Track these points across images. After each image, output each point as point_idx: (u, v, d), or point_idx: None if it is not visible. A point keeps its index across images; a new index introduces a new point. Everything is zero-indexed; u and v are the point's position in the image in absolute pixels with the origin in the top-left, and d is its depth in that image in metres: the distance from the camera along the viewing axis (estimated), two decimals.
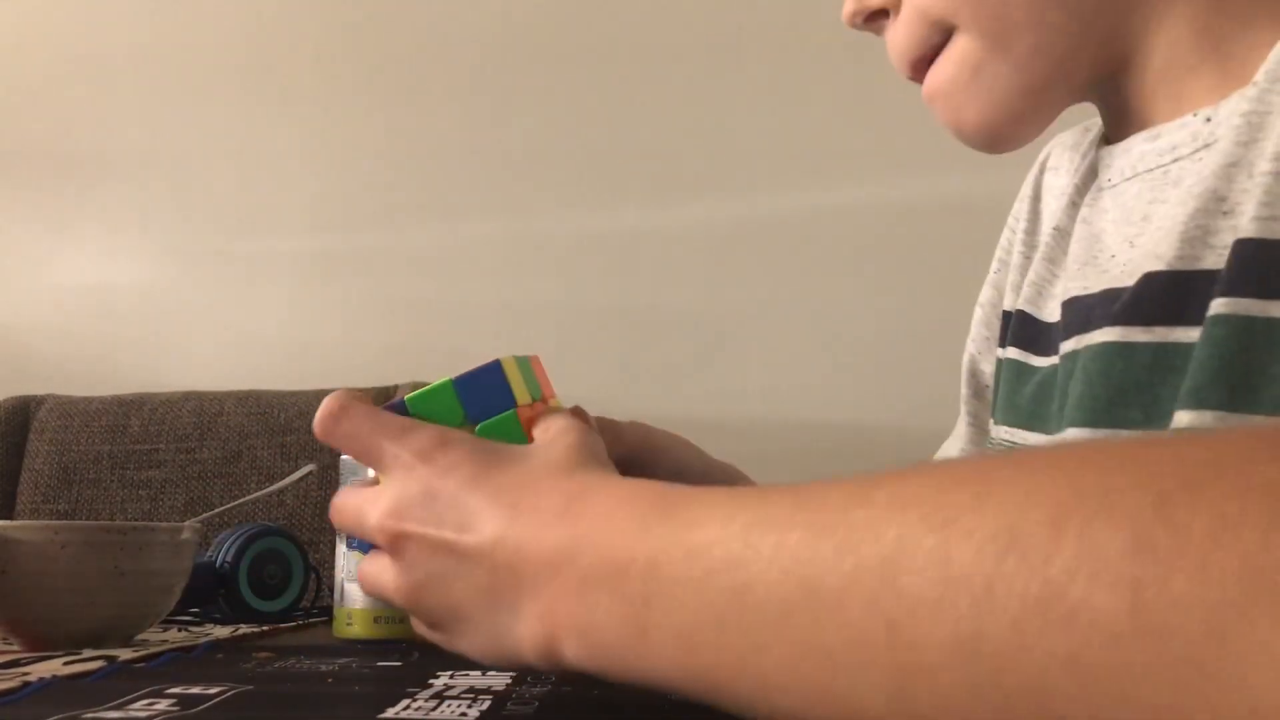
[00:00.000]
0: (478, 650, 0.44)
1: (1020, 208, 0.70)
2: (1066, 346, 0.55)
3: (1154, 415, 0.47)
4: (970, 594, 0.27)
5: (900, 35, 0.56)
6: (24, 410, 1.58)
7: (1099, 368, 0.51)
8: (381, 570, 0.45)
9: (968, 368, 0.73)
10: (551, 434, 0.45)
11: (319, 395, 1.77)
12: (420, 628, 0.47)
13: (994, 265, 0.72)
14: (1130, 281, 0.51)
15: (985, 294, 0.72)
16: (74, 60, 1.84)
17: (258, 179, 1.79)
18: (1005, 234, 0.71)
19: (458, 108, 1.75)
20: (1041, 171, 0.69)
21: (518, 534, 0.40)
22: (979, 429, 0.72)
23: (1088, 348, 0.52)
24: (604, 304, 1.67)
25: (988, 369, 0.72)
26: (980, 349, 0.72)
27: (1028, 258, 0.67)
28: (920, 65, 0.56)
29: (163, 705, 0.45)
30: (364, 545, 0.72)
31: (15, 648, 0.69)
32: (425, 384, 0.49)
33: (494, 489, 0.41)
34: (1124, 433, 0.48)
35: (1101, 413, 0.50)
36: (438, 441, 0.44)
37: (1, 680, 0.52)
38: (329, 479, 1.41)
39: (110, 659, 0.61)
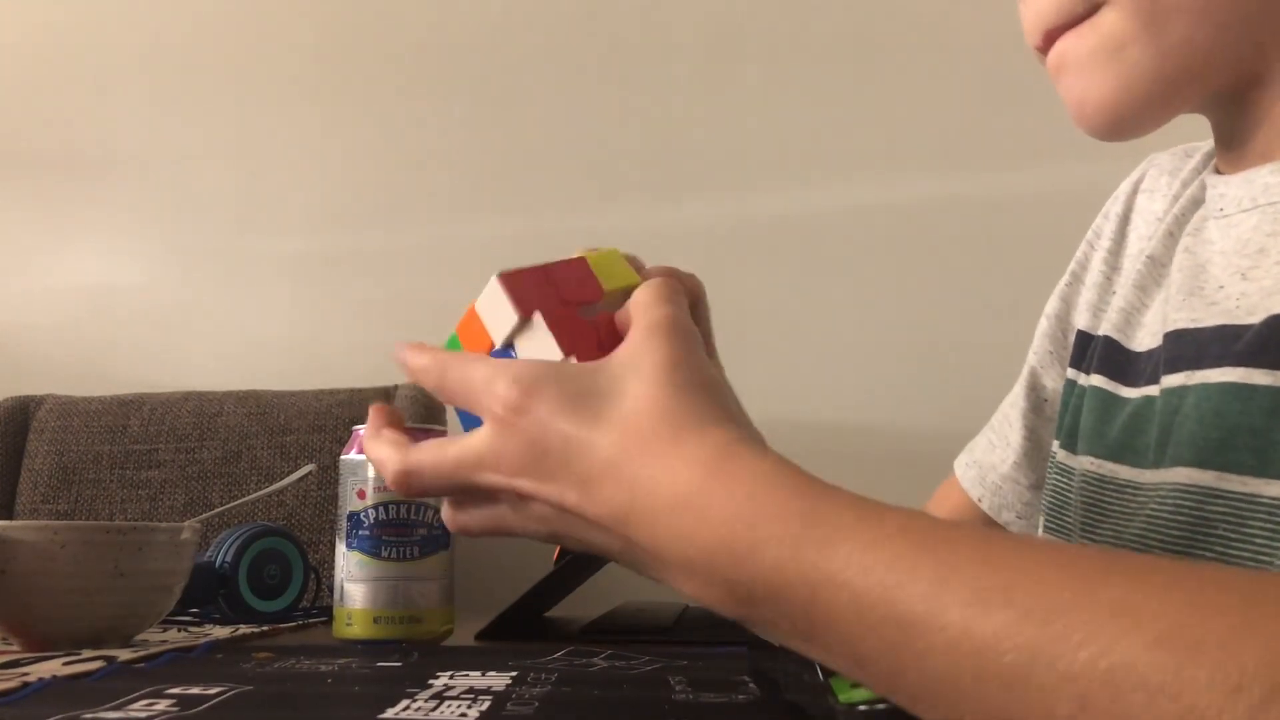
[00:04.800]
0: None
1: (1105, 225, 0.67)
2: (1172, 380, 0.53)
3: (1267, 461, 0.46)
4: None
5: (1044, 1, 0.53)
6: (24, 410, 1.58)
7: (1213, 407, 0.49)
8: (508, 518, 0.43)
9: (1027, 380, 0.71)
10: (644, 360, 0.41)
11: (319, 395, 1.75)
12: None
13: (1065, 278, 0.69)
14: (1250, 319, 0.49)
15: (1053, 305, 0.70)
16: (74, 60, 1.84)
17: (258, 179, 1.78)
18: (1083, 248, 0.68)
19: (458, 108, 1.74)
20: (1135, 191, 0.66)
21: (642, 525, 0.38)
22: (1035, 445, 0.70)
23: (1201, 385, 0.50)
24: None
25: (1050, 384, 0.69)
26: (1043, 362, 0.70)
27: (1108, 278, 0.65)
28: (1054, 35, 0.53)
29: (162, 705, 0.45)
30: (364, 544, 0.72)
31: (15, 648, 0.69)
32: None
33: (604, 446, 0.39)
34: (1233, 476, 0.47)
35: (1212, 453, 0.48)
36: (525, 390, 0.41)
37: (1, 680, 0.52)
38: (329, 479, 1.41)
39: (110, 659, 0.61)
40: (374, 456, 0.46)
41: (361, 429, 0.76)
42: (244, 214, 1.78)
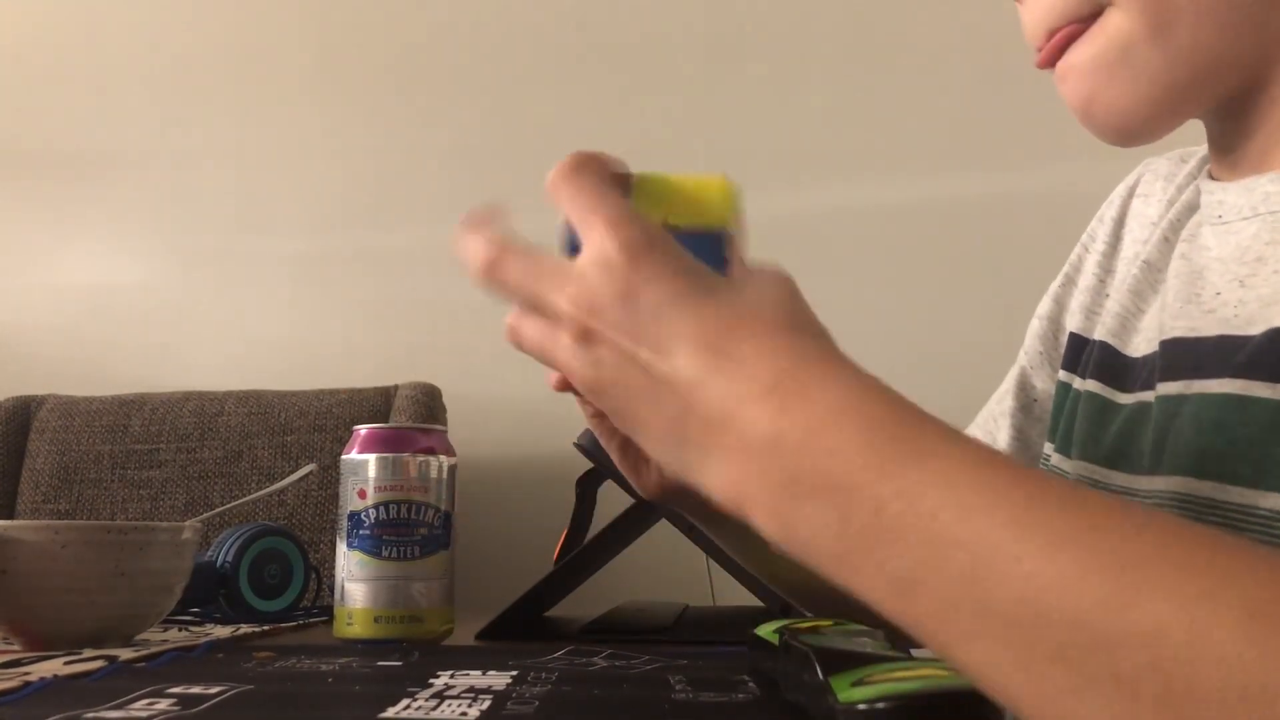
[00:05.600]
0: (658, 457, 0.41)
1: (1099, 228, 0.67)
2: (1169, 389, 0.52)
3: (1264, 473, 0.46)
4: (1270, 701, 0.25)
5: (1047, 1, 0.52)
6: (24, 410, 1.58)
7: (1212, 418, 0.48)
8: (561, 347, 0.41)
9: (1017, 380, 0.70)
10: (763, 275, 0.42)
11: (319, 395, 1.75)
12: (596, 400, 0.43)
13: (1059, 279, 0.69)
14: (1249, 329, 0.49)
15: (1045, 306, 0.69)
16: (74, 60, 1.84)
17: (258, 179, 1.79)
18: (1077, 250, 0.68)
19: (457, 108, 1.75)
20: (1130, 195, 0.66)
21: (720, 390, 0.37)
22: (1024, 444, 0.69)
23: (1200, 395, 0.50)
24: None
25: (1040, 384, 0.69)
26: (1034, 363, 0.69)
27: (1101, 281, 0.65)
28: (1057, 36, 0.52)
29: (163, 705, 0.45)
30: (364, 544, 0.72)
31: (16, 647, 0.69)
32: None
33: (700, 316, 0.38)
34: (1230, 487, 0.47)
35: (1211, 464, 0.48)
36: (648, 242, 0.40)
37: (2, 680, 0.52)
38: (329, 479, 1.41)
39: (111, 659, 0.61)
40: (467, 242, 0.45)
41: (362, 429, 0.76)
42: (244, 214, 1.78)
